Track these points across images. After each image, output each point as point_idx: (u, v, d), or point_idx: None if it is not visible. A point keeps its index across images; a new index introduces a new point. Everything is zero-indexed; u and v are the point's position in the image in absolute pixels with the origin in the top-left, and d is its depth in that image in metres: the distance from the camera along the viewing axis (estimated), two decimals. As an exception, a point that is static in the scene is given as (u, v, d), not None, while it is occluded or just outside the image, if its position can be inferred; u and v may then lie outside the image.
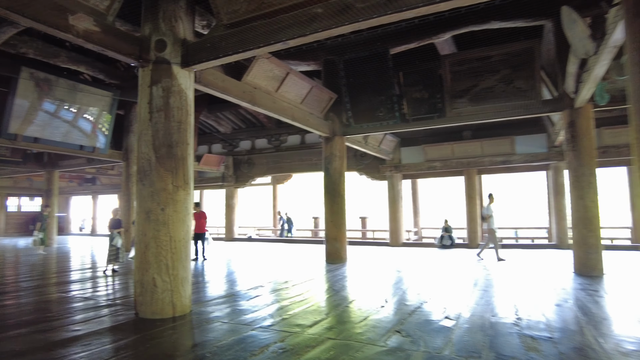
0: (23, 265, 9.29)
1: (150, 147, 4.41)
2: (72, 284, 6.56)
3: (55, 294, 5.70)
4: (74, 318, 4.32)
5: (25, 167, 14.41)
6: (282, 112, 7.17)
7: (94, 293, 5.78)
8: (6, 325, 4.08)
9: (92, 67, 10.82)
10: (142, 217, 4.39)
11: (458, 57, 7.73)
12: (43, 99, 9.88)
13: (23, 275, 7.67)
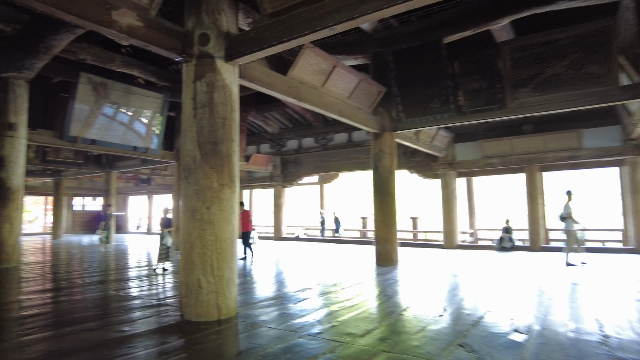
0: (83, 261, 9.69)
1: (194, 144, 4.29)
2: (124, 282, 6.67)
3: (108, 292, 5.78)
4: (121, 317, 4.28)
5: (86, 169, 15.21)
6: (329, 107, 6.89)
7: (143, 292, 5.80)
8: (59, 323, 4.10)
9: (144, 71, 11.13)
10: (188, 216, 4.27)
11: (519, 43, 7.06)
12: (100, 103, 10.28)
13: (82, 272, 7.95)
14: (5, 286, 6.47)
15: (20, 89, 8.89)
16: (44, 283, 6.62)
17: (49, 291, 5.95)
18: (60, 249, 13.12)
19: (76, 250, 12.73)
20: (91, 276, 7.34)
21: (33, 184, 20.46)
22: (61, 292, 5.86)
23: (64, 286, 6.37)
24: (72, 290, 6.03)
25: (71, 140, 10.01)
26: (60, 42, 7.49)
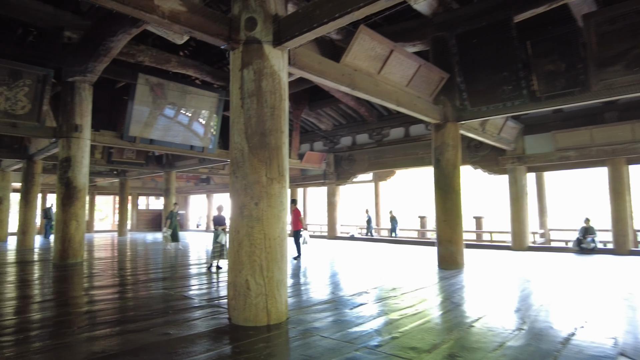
0: (143, 258, 9.94)
1: (242, 136, 4.01)
2: (179, 280, 6.62)
3: (161, 290, 5.71)
4: (169, 318, 4.10)
5: (148, 169, 15.80)
6: (386, 96, 6.39)
7: (196, 291, 5.66)
8: (108, 322, 4.00)
9: (200, 70, 11.24)
10: (236, 213, 4.00)
11: (608, 14, 6.11)
12: (158, 103, 10.49)
13: (141, 269, 8.08)
14: (69, 281, 6.67)
15: (85, 92, 9.25)
16: (104, 279, 6.74)
17: (106, 287, 6.00)
18: (124, 245, 13.69)
19: (140, 247, 13.21)
20: (148, 273, 7.40)
21: (102, 184, 21.77)
22: (117, 289, 5.89)
23: (120, 283, 6.43)
24: (127, 287, 6.05)
25: (130, 140, 10.31)
26: (118, 44, 7.63)
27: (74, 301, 5.14)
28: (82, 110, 9.17)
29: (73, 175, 8.87)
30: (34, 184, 12.55)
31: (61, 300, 5.20)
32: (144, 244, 14.16)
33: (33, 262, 9.04)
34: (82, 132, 9.10)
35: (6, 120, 8.37)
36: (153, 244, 14.30)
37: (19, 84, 8.32)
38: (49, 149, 10.58)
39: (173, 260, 9.49)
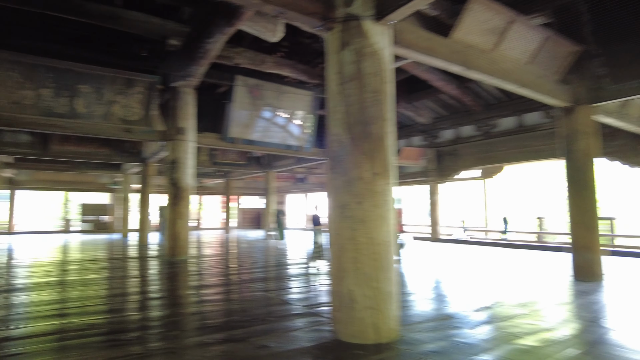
0: (246, 256, 10.11)
1: (342, 126, 3.54)
2: (280, 282, 6.43)
3: (262, 292, 5.51)
4: (268, 327, 3.79)
5: (249, 169, 16.36)
6: (504, 75, 5.44)
7: (296, 296, 5.35)
8: (202, 328, 3.81)
9: (294, 69, 11.14)
10: (336, 213, 3.54)
11: None
12: (256, 105, 10.62)
13: (243, 268, 8.13)
14: (176, 278, 6.88)
15: (188, 96, 9.66)
16: (207, 277, 6.83)
17: (210, 287, 6.02)
18: (228, 242, 14.27)
19: (242, 244, 13.64)
20: (250, 272, 7.37)
21: (209, 185, 23.28)
22: (219, 289, 5.85)
23: (223, 282, 6.42)
24: (230, 287, 5.99)
25: (231, 141, 10.58)
26: (214, 45, 7.73)
27: (181, 300, 5.15)
28: (186, 114, 9.59)
29: (179, 176, 9.30)
30: (149, 185, 13.66)
31: (169, 298, 5.26)
32: (246, 242, 14.63)
33: (147, 258, 9.69)
34: (187, 134, 9.51)
35: (123, 126, 9.06)
36: (255, 241, 14.71)
37: (133, 92, 8.94)
38: (160, 152, 11.35)
39: (273, 259, 9.48)
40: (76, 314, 4.33)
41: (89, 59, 9.37)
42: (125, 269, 7.90)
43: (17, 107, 8.06)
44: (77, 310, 4.56)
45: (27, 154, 12.42)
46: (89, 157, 13.15)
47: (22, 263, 8.83)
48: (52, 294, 5.44)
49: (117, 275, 7.09)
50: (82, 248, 12.25)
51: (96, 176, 20.52)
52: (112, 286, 6.11)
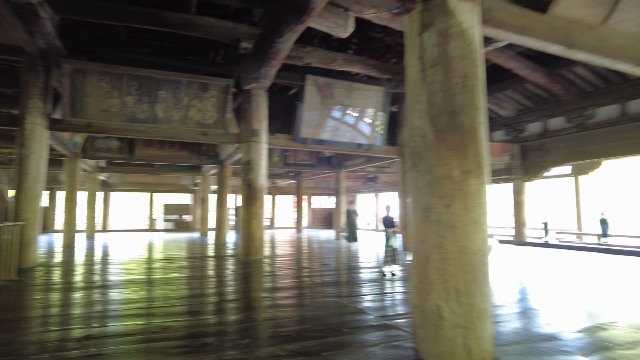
0: (318, 258, 9.96)
1: (424, 117, 3.13)
2: (353, 287, 6.11)
3: (335, 298, 5.24)
4: (343, 339, 3.49)
5: (319, 169, 16.28)
6: (616, 53, 4.61)
7: (371, 304, 5.01)
8: (274, 337, 3.60)
9: (364, 65, 10.79)
10: (419, 217, 3.15)
11: None
12: (326, 104, 10.42)
13: (315, 270, 7.95)
14: (250, 280, 6.86)
15: (260, 98, 9.72)
16: (280, 279, 6.72)
17: (283, 290, 5.88)
18: (300, 242, 14.28)
19: (314, 244, 13.57)
20: (323, 275, 7.15)
21: (281, 186, 23.68)
22: (291, 292, 5.69)
23: (295, 285, 6.26)
24: (302, 291, 5.80)
25: (302, 142, 10.48)
26: (285, 44, 7.63)
27: (255, 304, 5.05)
28: (259, 116, 9.65)
29: (253, 177, 9.38)
30: (225, 186, 14.10)
31: (243, 301, 5.19)
32: (318, 242, 14.55)
33: (223, 257, 9.90)
34: (260, 136, 9.57)
35: (199, 130, 9.34)
36: (326, 242, 14.58)
37: (207, 95, 9.18)
38: (234, 154, 11.61)
39: (345, 261, 9.21)
40: (157, 315, 4.38)
41: (167, 66, 9.82)
42: (203, 269, 8.10)
43: (105, 115, 8.63)
44: (158, 310, 4.63)
45: (117, 158, 13.42)
46: (170, 160, 13.91)
47: (113, 260, 9.46)
48: (137, 292, 5.65)
49: (195, 275, 7.26)
50: (165, 246, 12.94)
51: (178, 178, 21.84)
52: (191, 286, 6.22)
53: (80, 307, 4.81)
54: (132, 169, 17.29)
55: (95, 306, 4.86)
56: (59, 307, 4.93)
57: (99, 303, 5.04)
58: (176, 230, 21.89)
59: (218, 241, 14.00)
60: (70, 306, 4.92)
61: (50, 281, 6.56)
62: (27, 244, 7.90)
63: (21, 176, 8.00)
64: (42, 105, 8.21)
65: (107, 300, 5.21)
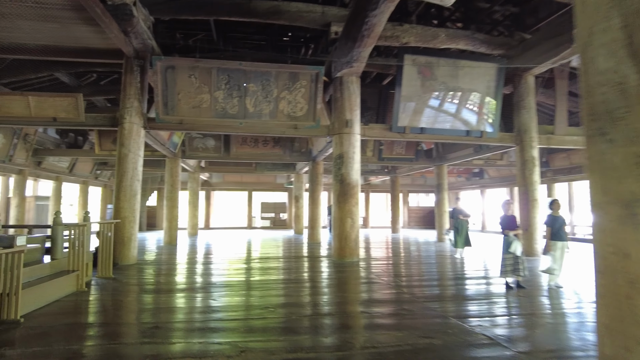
0: (418, 262, 8.79)
1: (620, 53, 1.93)
2: (465, 303, 4.92)
3: (446, 318, 4.13)
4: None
5: (417, 164, 14.93)
6: None
7: (499, 329, 3.80)
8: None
9: (471, 40, 9.36)
10: (614, 215, 1.94)
11: None
12: (427, 87, 9.22)
13: (415, 278, 6.85)
14: (346, 287, 6.03)
15: (353, 85, 8.87)
16: (377, 288, 5.77)
17: (382, 303, 4.93)
18: (397, 244, 13.15)
19: (413, 246, 12.36)
20: (428, 286, 6.04)
21: (375, 183, 22.65)
22: (392, 308, 4.69)
23: (395, 298, 5.25)
24: (404, 306, 4.76)
25: (400, 131, 9.38)
26: (380, 17, 6.65)
27: (351, 321, 4.18)
28: (351, 105, 8.81)
29: (346, 171, 8.57)
30: (318, 183, 13.53)
31: (339, 316, 4.35)
32: (416, 244, 13.29)
33: (317, 258, 9.24)
34: (352, 127, 8.72)
35: (289, 123, 8.79)
36: (426, 244, 13.23)
37: (297, 86, 8.57)
38: (326, 149, 10.92)
39: (451, 269, 7.92)
40: (242, 331, 3.74)
41: (255, 57, 9.46)
42: (296, 271, 7.50)
43: (196, 111, 8.48)
44: (256, 322, 4.00)
45: (214, 157, 13.65)
46: (264, 158, 13.78)
47: (210, 258, 9.38)
48: (228, 296, 5.17)
49: (289, 279, 6.65)
50: (261, 244, 12.79)
51: (274, 177, 22.08)
52: (284, 292, 5.60)
53: (163, 312, 4.39)
54: (231, 168, 17.71)
55: (178, 314, 4.41)
56: (138, 313, 4.58)
57: (183, 310, 4.59)
58: (273, 228, 22.14)
59: (312, 240, 13.51)
60: (151, 312, 4.55)
61: (142, 280, 6.43)
62: (126, 241, 8.04)
63: (120, 175, 8.18)
64: (138, 104, 8.32)
65: (193, 306, 4.76)
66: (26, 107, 8.08)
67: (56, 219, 5.47)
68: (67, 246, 5.81)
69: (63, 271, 5.42)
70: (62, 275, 5.25)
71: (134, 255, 8.25)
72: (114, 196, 8.24)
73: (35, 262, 5.16)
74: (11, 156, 11.40)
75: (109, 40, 7.82)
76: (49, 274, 5.14)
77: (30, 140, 11.92)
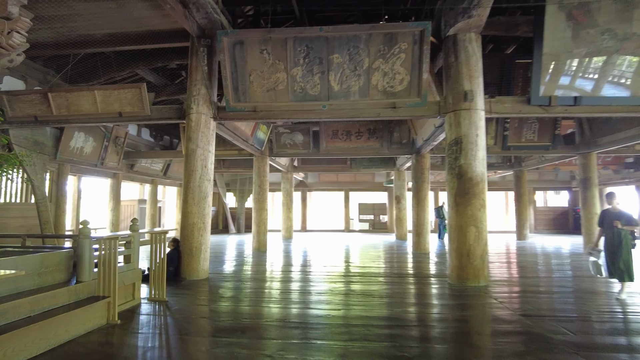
0: (573, 292, 6.07)
1: None
2: None
3: None
4: None
5: (554, 152, 11.67)
6: None
7: None
8: None
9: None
10: None
11: None
12: (582, 38, 6.45)
13: (582, 321, 4.31)
14: (480, 336, 3.82)
15: (472, 45, 6.54)
16: (532, 340, 3.47)
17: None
18: (533, 258, 10.20)
19: (553, 262, 9.39)
20: (610, 343, 3.55)
21: (492, 179, 19.28)
22: None
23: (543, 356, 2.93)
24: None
25: (543, 104, 6.73)
26: None
27: None
28: (471, 71, 6.47)
29: (466, 162, 6.27)
30: (424, 180, 11.19)
31: None
32: (555, 257, 10.20)
33: (427, 279, 7.04)
34: (474, 100, 6.38)
35: (385, 101, 6.76)
36: (574, 257, 10.06)
37: (394, 51, 6.51)
38: (435, 136, 8.63)
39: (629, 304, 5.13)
40: None
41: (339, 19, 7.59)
42: (401, 299, 5.47)
43: (271, 95, 6.93)
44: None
45: (303, 154, 12.17)
46: (358, 153, 11.86)
47: (296, 269, 7.82)
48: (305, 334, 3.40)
49: (392, 315, 4.67)
50: (359, 253, 10.94)
51: (372, 175, 20.09)
52: (383, 339, 3.64)
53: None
54: (324, 167, 16.18)
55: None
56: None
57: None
58: (372, 232, 20.16)
59: (417, 249, 11.23)
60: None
61: (200, 307, 4.95)
62: (195, 252, 6.80)
63: (187, 174, 6.98)
64: (205, 92, 7.05)
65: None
66: (93, 102, 7.32)
67: (83, 230, 4.23)
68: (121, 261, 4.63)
69: (91, 297, 4.16)
70: (89, 303, 3.97)
71: (205, 269, 6.98)
72: (182, 199, 7.08)
73: (58, 285, 3.95)
74: (103, 159, 11.20)
75: (170, 18, 6.67)
76: (67, 302, 3.88)
77: (120, 143, 11.68)
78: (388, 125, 11.43)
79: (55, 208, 9.79)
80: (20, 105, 7.45)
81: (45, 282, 3.92)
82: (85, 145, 10.32)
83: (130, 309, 4.74)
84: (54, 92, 7.32)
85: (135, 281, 5.03)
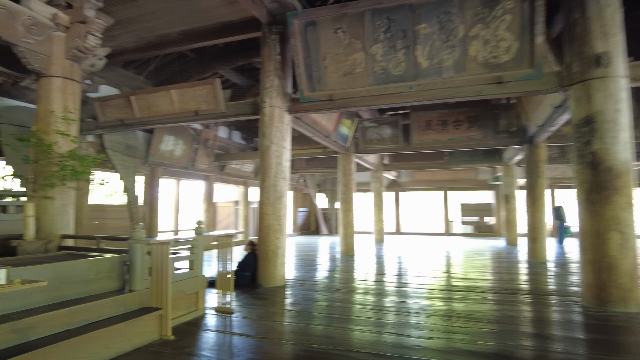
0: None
1: None
2: None
3: None
4: None
5: None
6: None
7: None
8: None
9: None
10: None
11: None
12: None
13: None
14: None
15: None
16: None
17: None
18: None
19: None
20: None
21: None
22: None
23: None
24: None
25: None
26: None
27: None
28: (606, 27, 4.91)
29: (602, 147, 4.75)
30: (539, 175, 9.36)
31: None
32: None
33: (550, 298, 5.55)
34: (610, 65, 4.81)
35: (488, 75, 5.49)
36: None
37: (497, 12, 5.24)
38: (553, 119, 6.99)
39: None
40: None
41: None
42: (516, 324, 4.24)
43: (349, 80, 6.11)
44: None
45: (392, 149, 11.11)
46: (457, 145, 10.41)
47: (394, 285, 6.89)
48: (422, 356, 2.54)
49: (508, 346, 3.54)
50: (461, 262, 9.56)
51: (474, 172, 18.07)
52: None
53: None
54: (417, 163, 14.80)
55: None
56: None
57: None
58: (477, 235, 18.14)
59: (533, 258, 9.43)
60: None
61: (270, 322, 4.31)
62: (271, 256, 6.27)
63: (262, 172, 6.50)
64: (279, 83, 6.50)
65: None
66: (170, 102, 7.26)
67: (134, 233, 3.84)
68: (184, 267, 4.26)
69: (143, 309, 3.75)
70: (137, 315, 3.55)
71: (282, 275, 6.42)
72: (259, 199, 6.62)
73: (105, 295, 3.60)
74: (193, 162, 11.44)
75: (239, 6, 6.24)
76: (115, 314, 3.49)
77: (209, 145, 11.87)
78: (492, 110, 9.82)
79: (149, 210, 10.17)
80: (109, 110, 7.72)
81: (94, 290, 3.59)
82: (175, 148, 10.59)
83: (190, 322, 4.28)
84: (135, 95, 7.42)
85: (198, 290, 4.58)
